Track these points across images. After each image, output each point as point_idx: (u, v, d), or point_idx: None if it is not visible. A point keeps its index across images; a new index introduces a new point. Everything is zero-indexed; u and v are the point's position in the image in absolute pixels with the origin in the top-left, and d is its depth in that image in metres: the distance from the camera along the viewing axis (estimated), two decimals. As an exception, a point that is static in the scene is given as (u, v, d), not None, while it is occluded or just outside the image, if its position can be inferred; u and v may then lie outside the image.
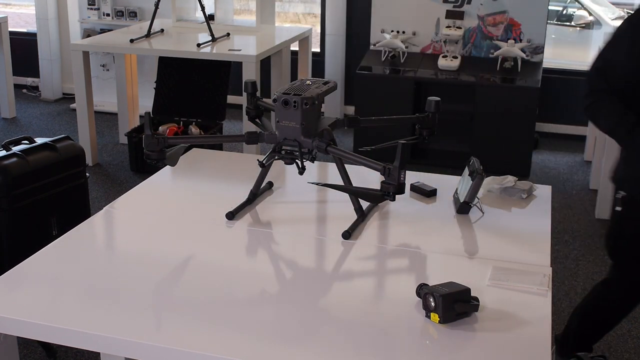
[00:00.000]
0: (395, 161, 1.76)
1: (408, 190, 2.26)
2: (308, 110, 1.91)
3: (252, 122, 2.23)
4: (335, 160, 2.04)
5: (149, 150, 2.00)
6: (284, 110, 1.92)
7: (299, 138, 1.93)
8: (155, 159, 2.01)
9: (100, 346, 1.54)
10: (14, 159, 2.86)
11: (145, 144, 1.99)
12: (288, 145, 1.95)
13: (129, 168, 4.96)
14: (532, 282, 1.71)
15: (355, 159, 1.90)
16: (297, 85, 1.98)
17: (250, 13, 6.36)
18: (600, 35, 6.80)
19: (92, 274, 1.76)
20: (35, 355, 2.87)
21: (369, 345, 1.48)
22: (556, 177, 5.01)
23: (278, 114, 1.93)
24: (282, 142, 1.95)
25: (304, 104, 1.90)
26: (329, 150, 1.92)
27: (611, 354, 3.00)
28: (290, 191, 2.29)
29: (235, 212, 2.04)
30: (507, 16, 5.26)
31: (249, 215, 2.07)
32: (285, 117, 1.93)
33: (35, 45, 6.54)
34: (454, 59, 5.14)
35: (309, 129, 1.93)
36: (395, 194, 1.79)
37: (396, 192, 1.78)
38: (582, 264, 3.77)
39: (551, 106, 5.75)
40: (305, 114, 1.91)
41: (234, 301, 1.65)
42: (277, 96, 1.92)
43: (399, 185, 1.77)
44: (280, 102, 1.91)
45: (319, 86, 1.99)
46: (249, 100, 2.21)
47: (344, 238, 1.92)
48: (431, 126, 2.22)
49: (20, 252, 1.97)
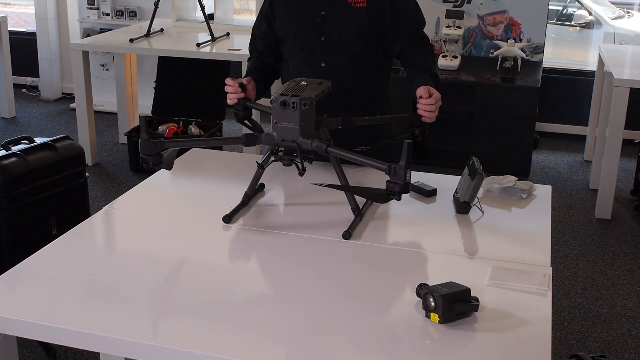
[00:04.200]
0: (401, 161, 1.75)
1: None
2: (307, 111, 1.90)
3: (241, 124, 2.23)
4: (333, 162, 2.02)
5: (145, 154, 1.95)
6: (282, 112, 1.91)
7: (297, 139, 1.92)
8: (152, 163, 1.96)
9: (100, 346, 1.54)
10: (13, 159, 2.86)
11: (142, 148, 1.95)
12: (287, 146, 1.94)
13: (129, 168, 4.96)
14: (532, 282, 1.71)
15: (359, 160, 1.89)
16: (293, 86, 1.97)
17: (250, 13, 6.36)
18: (601, 35, 6.80)
19: (92, 274, 1.76)
20: (35, 355, 2.87)
21: (369, 345, 1.48)
22: (556, 177, 5.01)
23: (276, 115, 1.92)
24: (280, 144, 1.95)
25: (302, 105, 1.89)
26: (330, 152, 1.91)
27: (611, 354, 3.00)
28: (285, 193, 2.29)
29: (232, 215, 2.02)
30: (507, 16, 5.26)
31: (246, 216, 2.07)
32: (284, 119, 1.91)
33: (35, 45, 6.54)
34: (454, 58, 5.14)
35: (308, 130, 1.92)
36: (402, 194, 1.78)
37: (402, 191, 1.77)
38: (582, 264, 3.77)
39: (551, 106, 5.75)
40: (304, 115, 1.90)
41: (234, 301, 1.65)
42: (274, 98, 1.92)
43: (405, 185, 1.77)
44: (278, 103, 1.91)
45: (314, 87, 1.99)
46: (238, 101, 2.22)
47: (345, 239, 1.92)
48: (424, 125, 2.22)
49: (20, 252, 1.97)
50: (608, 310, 3.34)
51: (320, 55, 2.40)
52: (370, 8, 2.36)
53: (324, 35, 2.39)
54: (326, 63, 2.41)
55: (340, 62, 2.40)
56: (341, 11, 2.37)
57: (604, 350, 3.01)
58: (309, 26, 2.40)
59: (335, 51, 2.40)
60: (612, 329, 3.18)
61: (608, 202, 4.32)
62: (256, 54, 2.53)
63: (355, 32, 2.37)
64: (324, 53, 2.40)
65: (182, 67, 5.08)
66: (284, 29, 2.45)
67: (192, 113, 5.09)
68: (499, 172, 2.34)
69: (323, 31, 2.38)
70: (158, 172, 2.40)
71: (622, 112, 4.18)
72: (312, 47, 2.41)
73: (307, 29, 2.40)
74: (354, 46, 2.39)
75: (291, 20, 2.43)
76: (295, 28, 2.42)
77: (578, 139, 5.64)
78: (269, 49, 2.50)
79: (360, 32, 2.38)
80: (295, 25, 2.42)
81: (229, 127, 5.77)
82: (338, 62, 2.40)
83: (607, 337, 3.12)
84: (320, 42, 2.39)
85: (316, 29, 2.39)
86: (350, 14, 2.36)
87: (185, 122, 5.04)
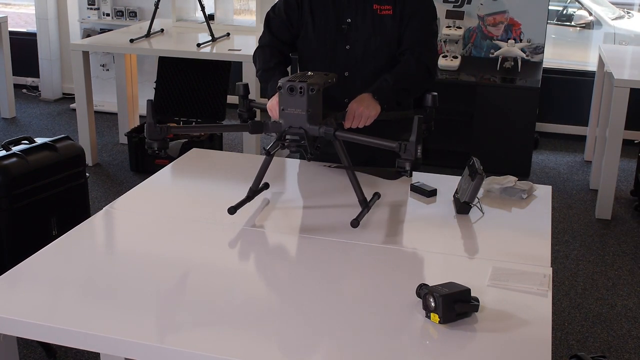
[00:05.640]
0: (411, 136, 1.75)
1: (408, 191, 2.26)
2: (314, 97, 1.89)
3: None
4: (337, 148, 1.98)
5: (151, 138, 1.93)
6: (289, 98, 1.89)
7: (304, 125, 1.90)
8: (157, 147, 1.94)
9: (100, 346, 1.54)
10: (13, 159, 2.86)
11: (147, 132, 1.93)
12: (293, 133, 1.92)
13: (129, 168, 4.95)
14: (532, 282, 1.71)
15: (368, 140, 1.87)
16: (299, 75, 1.97)
17: (250, 13, 6.35)
18: (600, 35, 6.79)
19: (92, 274, 1.76)
20: (35, 355, 2.87)
21: (369, 345, 1.48)
22: (556, 177, 5.01)
23: (283, 101, 1.91)
24: (287, 131, 1.93)
25: (310, 90, 1.88)
26: (338, 136, 1.90)
27: (611, 354, 3.00)
28: (288, 193, 2.29)
29: (237, 207, 2.01)
30: (507, 16, 5.26)
31: (248, 215, 2.07)
32: (291, 105, 1.90)
33: (35, 45, 6.54)
34: (454, 58, 5.14)
35: (315, 116, 1.90)
36: (412, 170, 1.78)
37: (412, 168, 1.77)
38: (582, 264, 3.77)
39: (551, 106, 5.75)
40: (311, 101, 1.88)
41: (234, 301, 1.65)
42: (282, 83, 1.90)
43: (415, 160, 1.76)
44: (285, 89, 1.89)
45: (320, 76, 1.98)
46: (242, 102, 2.20)
47: (353, 227, 1.91)
48: (430, 121, 2.21)
49: (20, 252, 1.97)
50: (608, 310, 3.34)
51: (343, 65, 2.35)
52: (395, 15, 2.31)
53: (349, 44, 2.34)
54: (349, 72, 2.35)
55: (364, 71, 2.35)
56: (367, 19, 2.32)
57: (604, 350, 3.01)
58: (333, 33, 2.34)
59: (359, 60, 2.35)
60: (612, 329, 3.18)
61: (608, 202, 4.32)
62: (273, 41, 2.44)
63: (380, 42, 2.32)
64: (347, 62, 2.35)
65: (182, 67, 5.08)
66: (307, 26, 2.37)
67: (192, 113, 5.08)
68: (499, 172, 2.34)
69: (348, 39, 2.34)
70: (158, 172, 2.41)
71: (622, 112, 4.18)
72: (336, 55, 2.35)
73: (332, 36, 2.34)
74: (378, 56, 2.34)
75: (316, 21, 2.36)
76: (320, 32, 2.35)
77: (578, 139, 5.64)
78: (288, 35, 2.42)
79: (386, 41, 2.33)
80: (320, 29, 2.35)
81: (229, 127, 5.77)
82: (361, 72, 2.35)
83: (607, 337, 3.12)
84: (345, 50, 2.34)
85: (341, 37, 2.34)
86: (376, 22, 2.31)
87: (185, 122, 5.04)
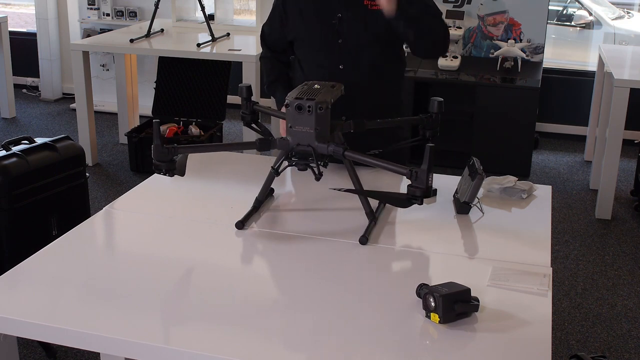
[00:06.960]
0: (422, 164, 1.73)
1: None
2: (322, 115, 1.88)
3: (248, 127, 2.20)
4: (347, 166, 1.98)
5: (158, 160, 1.91)
6: (297, 115, 1.88)
7: (312, 143, 1.90)
8: (164, 169, 1.92)
9: (100, 346, 1.54)
10: (14, 159, 2.86)
11: (155, 154, 1.90)
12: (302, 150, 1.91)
13: (129, 168, 4.96)
14: (532, 282, 1.71)
15: (378, 164, 1.85)
16: (307, 90, 1.95)
17: (250, 13, 6.35)
18: (600, 35, 6.80)
19: (92, 274, 1.76)
20: (35, 355, 2.87)
21: (369, 345, 1.48)
22: (556, 177, 5.01)
23: (290, 119, 1.90)
24: (295, 148, 1.93)
25: (318, 109, 1.87)
26: (347, 156, 1.89)
27: (611, 354, 3.00)
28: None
29: (244, 221, 1.99)
30: (507, 16, 5.26)
31: (250, 219, 2.06)
32: (299, 122, 1.89)
33: (35, 45, 6.55)
34: (454, 59, 5.14)
35: (323, 134, 1.90)
36: (423, 198, 1.75)
37: (424, 195, 1.74)
38: (582, 264, 3.77)
39: (551, 106, 5.75)
40: (319, 119, 1.88)
41: (234, 302, 1.65)
42: (289, 101, 1.89)
43: (427, 189, 1.73)
44: (293, 107, 1.88)
45: (328, 90, 1.96)
46: (244, 105, 2.18)
47: (362, 243, 1.90)
48: (434, 127, 2.21)
49: (20, 252, 1.98)
50: (608, 310, 3.34)
51: (338, 57, 2.39)
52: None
53: (341, 37, 2.37)
54: (344, 65, 2.39)
55: (359, 64, 2.39)
56: (358, 13, 2.35)
57: (604, 350, 3.01)
58: (324, 28, 2.38)
59: (353, 53, 2.38)
60: (612, 329, 3.18)
61: (608, 202, 4.32)
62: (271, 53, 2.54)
63: (372, 35, 2.36)
64: (341, 55, 2.39)
65: (182, 67, 5.08)
66: (297, 30, 2.44)
67: (192, 113, 5.09)
68: (499, 172, 2.34)
69: (340, 33, 2.37)
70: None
71: (622, 112, 4.18)
72: (329, 49, 2.39)
73: (323, 31, 2.39)
74: (371, 49, 2.38)
75: (305, 22, 2.42)
76: (311, 29, 2.41)
77: (578, 139, 5.65)
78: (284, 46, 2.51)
79: (377, 35, 2.36)
80: (310, 27, 2.41)
81: (229, 127, 5.77)
82: (356, 64, 2.39)
83: (607, 337, 3.12)
84: (337, 44, 2.38)
85: (332, 31, 2.37)
86: (368, 16, 2.35)
87: (185, 122, 5.04)
